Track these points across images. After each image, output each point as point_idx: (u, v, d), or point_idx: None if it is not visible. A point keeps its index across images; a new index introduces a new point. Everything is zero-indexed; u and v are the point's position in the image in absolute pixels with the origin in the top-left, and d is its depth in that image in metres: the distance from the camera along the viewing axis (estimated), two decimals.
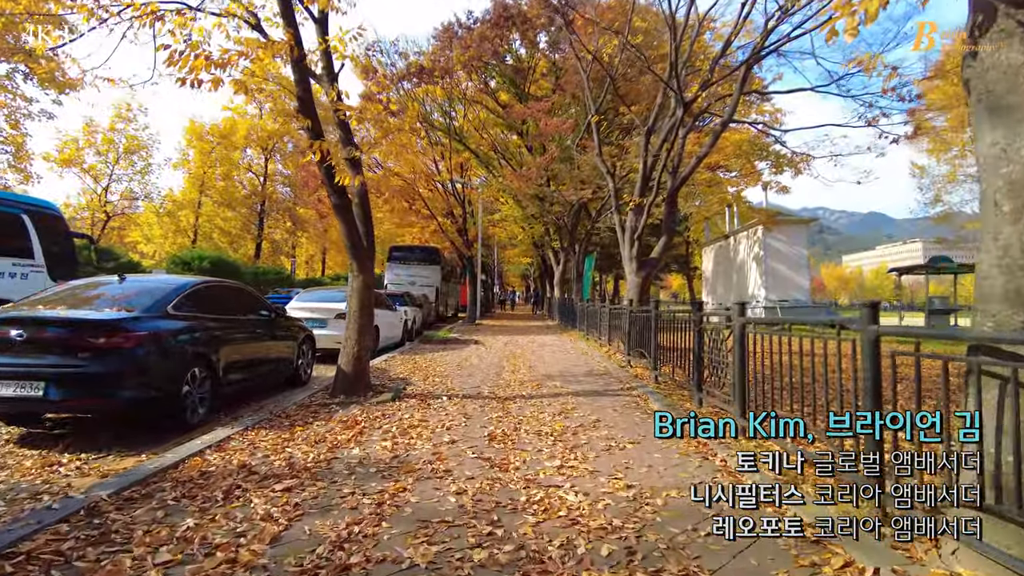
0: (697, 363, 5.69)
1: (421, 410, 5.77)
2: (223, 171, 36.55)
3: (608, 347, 11.30)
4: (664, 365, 7.28)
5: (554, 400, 6.33)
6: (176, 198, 34.69)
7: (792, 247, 18.96)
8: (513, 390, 7.05)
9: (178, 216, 34.00)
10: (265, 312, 7.62)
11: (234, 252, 39.44)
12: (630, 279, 10.10)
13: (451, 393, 6.76)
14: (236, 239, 40.17)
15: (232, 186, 37.43)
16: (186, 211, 34.64)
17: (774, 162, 15.30)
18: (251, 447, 4.44)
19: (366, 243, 6.52)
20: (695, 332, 5.70)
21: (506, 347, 12.86)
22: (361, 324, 6.33)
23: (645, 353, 8.57)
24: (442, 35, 22.08)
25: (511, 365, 9.49)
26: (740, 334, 4.55)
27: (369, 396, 6.30)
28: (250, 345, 6.85)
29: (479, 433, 4.85)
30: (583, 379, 7.92)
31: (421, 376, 8.14)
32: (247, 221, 40.52)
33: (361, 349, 6.34)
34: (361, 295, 6.36)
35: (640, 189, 9.99)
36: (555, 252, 27.64)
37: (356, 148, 6.30)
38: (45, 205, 10.96)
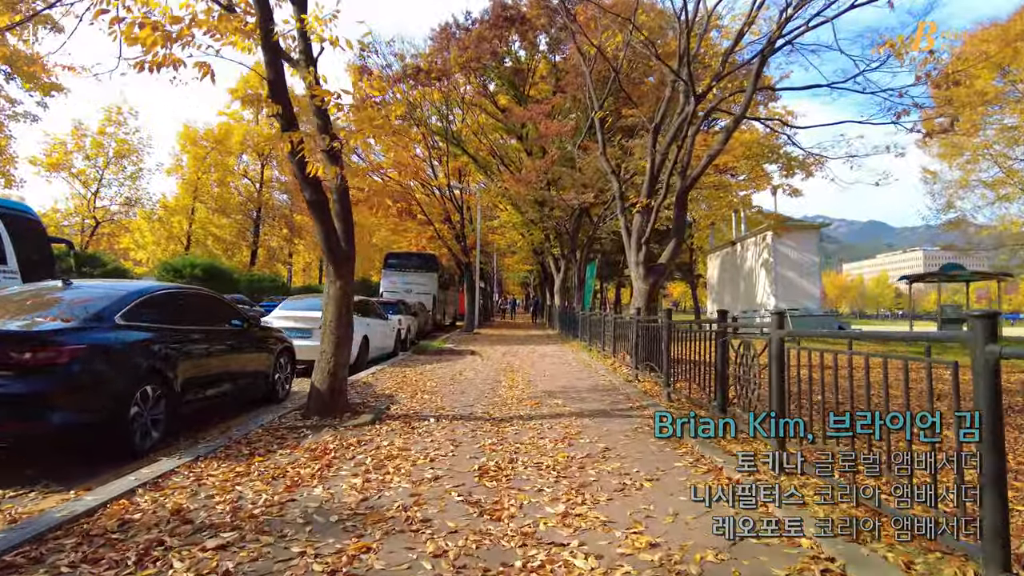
0: (720, 381, 4.97)
1: (403, 435, 5.03)
2: (218, 177, 35.94)
3: (613, 359, 10.57)
4: (678, 381, 6.55)
5: (556, 422, 5.59)
6: (169, 204, 34.02)
7: (802, 253, 18.25)
8: (510, 409, 6.32)
9: (171, 222, 33.33)
10: (237, 322, 6.94)
11: (229, 259, 38.78)
12: (637, 286, 9.39)
13: (440, 413, 6.03)
14: (231, 246, 39.52)
15: (227, 192, 36.82)
16: (179, 217, 33.98)
17: (784, 164, 14.63)
18: (195, 484, 3.71)
19: (345, 245, 5.82)
20: (719, 345, 4.98)
21: (504, 358, 12.13)
22: (338, 336, 5.62)
23: (655, 367, 7.85)
24: (439, 36, 21.54)
25: (508, 379, 8.76)
26: (778, 350, 3.83)
27: (346, 418, 5.57)
28: (217, 359, 6.14)
29: (468, 465, 4.12)
30: (587, 396, 7.18)
31: (409, 392, 7.40)
32: (243, 228, 39.91)
33: (337, 364, 5.61)
34: (338, 303, 5.65)
35: (647, 189, 9.30)
36: (555, 259, 26.95)
37: (335, 138, 5.63)
38: (19, 208, 10.28)
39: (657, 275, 9.23)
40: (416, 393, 7.30)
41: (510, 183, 18.49)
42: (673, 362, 6.65)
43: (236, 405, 6.62)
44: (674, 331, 6.63)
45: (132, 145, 28.02)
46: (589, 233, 21.32)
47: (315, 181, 5.57)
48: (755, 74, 9.14)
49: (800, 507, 3.10)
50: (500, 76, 22.49)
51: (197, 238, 35.58)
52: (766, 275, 19.11)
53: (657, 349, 7.92)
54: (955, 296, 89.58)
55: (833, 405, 3.44)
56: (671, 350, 6.66)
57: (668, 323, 6.64)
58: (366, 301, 12.23)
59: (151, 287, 5.62)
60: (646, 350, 8.09)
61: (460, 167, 26.03)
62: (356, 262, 26.26)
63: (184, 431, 5.41)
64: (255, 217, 40.13)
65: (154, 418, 5.00)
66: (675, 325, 6.70)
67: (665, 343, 6.61)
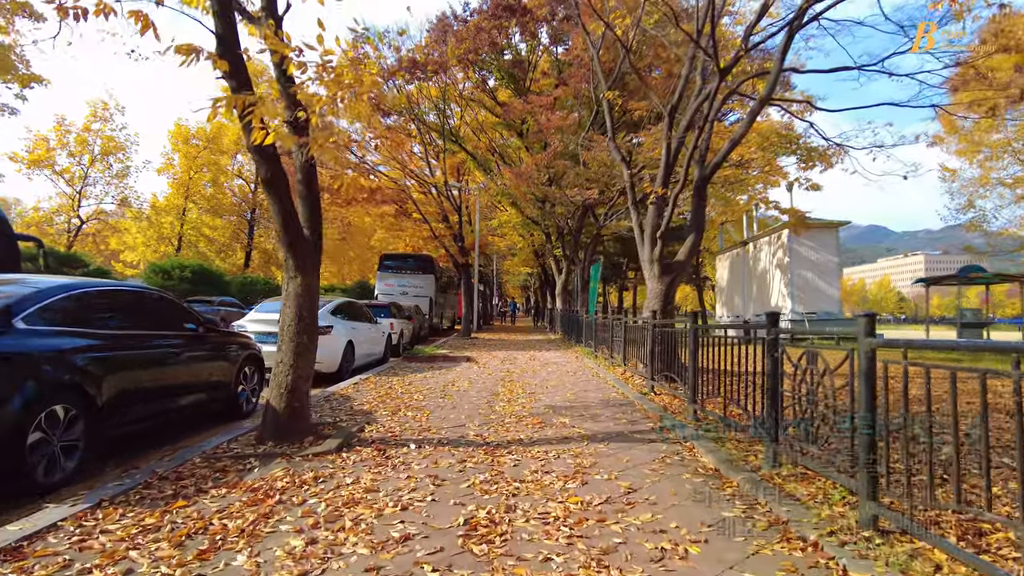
0: (771, 400, 3.96)
1: (374, 469, 4.02)
2: (210, 177, 34.93)
3: (623, 367, 9.56)
4: (709, 399, 5.54)
5: (564, 449, 4.58)
6: (160, 204, 33.05)
7: (820, 253, 17.21)
8: (508, 430, 5.31)
9: (161, 223, 32.32)
10: (191, 326, 5.97)
11: (223, 261, 37.80)
12: (651, 286, 8.38)
13: (424, 436, 5.02)
14: (225, 248, 38.54)
15: (220, 192, 35.80)
16: (170, 218, 32.98)
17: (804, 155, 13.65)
18: (76, 547, 2.71)
19: (310, 233, 4.83)
20: (769, 356, 3.97)
21: (503, 365, 11.12)
22: (298, 344, 4.62)
23: (674, 377, 6.85)
24: (436, 28, 20.61)
25: (507, 391, 7.75)
26: (868, 365, 2.82)
27: (307, 443, 4.56)
28: (161, 369, 5.18)
29: (452, 516, 3.11)
30: (599, 412, 6.17)
31: (392, 407, 6.39)
32: (237, 229, 38.98)
33: (298, 378, 4.61)
34: (299, 303, 4.65)
35: (663, 178, 8.32)
36: (557, 261, 25.96)
37: (297, 105, 4.65)
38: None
39: (674, 273, 8.24)
40: (399, 409, 6.28)
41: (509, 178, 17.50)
42: (702, 373, 5.64)
43: (193, 422, 5.68)
44: (703, 338, 5.62)
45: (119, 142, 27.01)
46: (593, 232, 20.32)
47: (270, 155, 4.59)
48: (782, 49, 8.18)
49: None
50: (500, 69, 21.54)
51: (189, 239, 34.58)
52: (781, 277, 18.06)
53: (675, 357, 6.93)
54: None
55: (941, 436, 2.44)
56: (698, 359, 5.65)
57: (695, 328, 5.62)
58: (352, 303, 11.24)
59: (72, 283, 4.64)
60: (664, 359, 7.09)
61: (458, 164, 25.09)
62: (354, 265, 25.42)
63: (117, 456, 4.46)
64: (249, 218, 39.19)
65: (68, 444, 4.03)
66: (705, 331, 5.69)
67: (692, 352, 5.60)
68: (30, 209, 25.11)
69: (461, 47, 19.30)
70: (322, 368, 9.08)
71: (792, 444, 3.81)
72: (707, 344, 5.56)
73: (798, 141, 13.90)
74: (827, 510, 3.13)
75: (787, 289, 17.55)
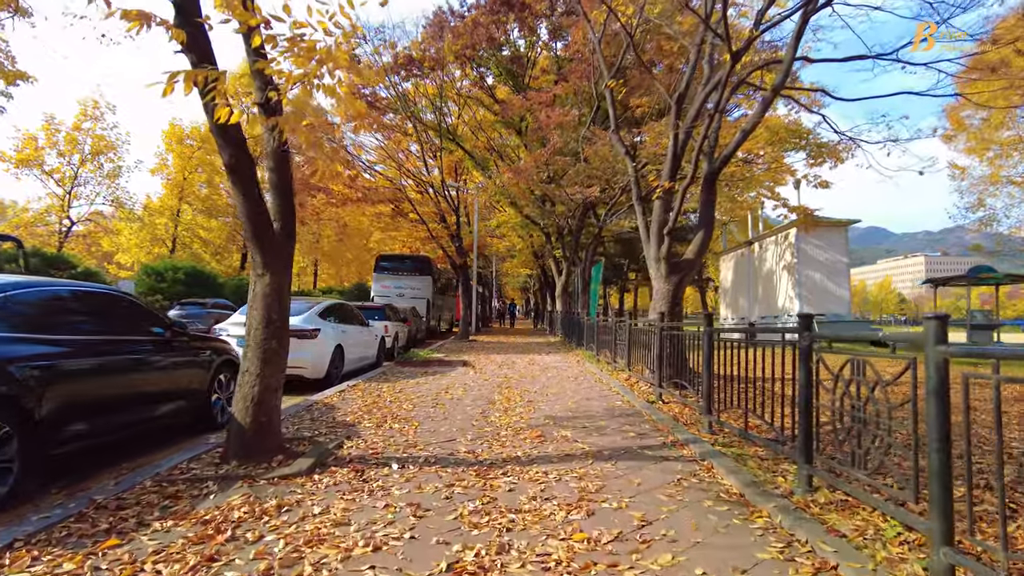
0: (805, 416, 3.44)
1: (347, 495, 3.50)
2: (205, 178, 34.43)
3: (628, 373, 9.04)
4: (725, 410, 5.02)
5: (566, 469, 4.06)
6: (154, 205, 32.53)
7: (829, 253, 16.68)
8: (504, 445, 4.78)
9: (155, 224, 31.80)
10: (159, 330, 5.47)
11: (218, 263, 37.31)
12: (657, 286, 7.86)
13: (409, 453, 4.49)
14: (220, 249, 38.06)
15: (215, 193, 35.30)
16: (164, 219, 32.46)
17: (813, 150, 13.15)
18: None
19: (281, 226, 4.32)
20: (802, 364, 3.45)
21: (500, 370, 10.60)
22: (266, 350, 4.09)
23: (685, 384, 6.33)
24: (432, 24, 20.13)
25: (504, 399, 7.22)
26: (940, 379, 2.30)
27: (275, 463, 4.04)
28: (118, 378, 4.67)
29: (432, 561, 2.59)
30: (604, 424, 5.65)
31: (377, 418, 5.86)
32: (232, 231, 38.50)
33: (265, 389, 4.09)
34: (267, 305, 4.13)
35: (670, 171, 7.80)
36: (557, 262, 25.44)
37: (268, 83, 4.15)
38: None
39: (683, 273, 7.72)
40: (385, 420, 5.76)
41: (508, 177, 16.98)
42: (717, 379, 5.12)
43: (161, 434, 5.19)
44: (718, 342, 5.10)
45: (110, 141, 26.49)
46: (594, 233, 19.79)
47: (235, 138, 4.08)
48: (795, 35, 7.67)
49: None
50: (498, 65, 21.04)
51: (183, 241, 34.08)
52: (788, 277, 17.52)
53: (685, 363, 6.41)
54: (959, 302, 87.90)
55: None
56: (713, 366, 5.13)
57: (710, 332, 5.10)
58: (343, 305, 10.73)
59: (10, 283, 4.12)
60: (673, 364, 6.57)
61: (455, 163, 24.61)
62: (352, 267, 24.76)
63: (68, 478, 3.96)
64: None
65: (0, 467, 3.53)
66: (720, 334, 5.17)
67: (706, 358, 5.08)
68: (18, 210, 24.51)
69: (458, 43, 18.82)
70: (308, 374, 8.58)
71: (831, 466, 3.29)
72: (721, 348, 5.04)
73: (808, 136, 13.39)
74: (882, 551, 2.62)
75: (794, 290, 17.02)
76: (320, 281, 47.53)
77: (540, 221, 21.01)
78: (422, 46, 19.86)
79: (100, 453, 4.50)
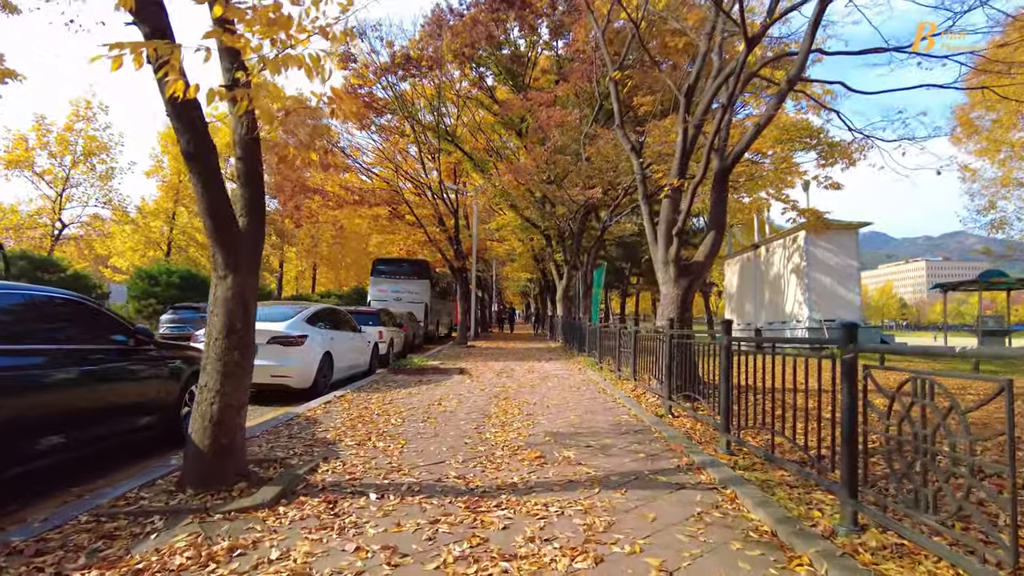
0: (849, 442, 2.93)
1: (313, 535, 2.99)
2: None
3: (633, 383, 8.52)
4: (746, 428, 4.51)
5: (569, 500, 3.55)
6: (149, 208, 32.07)
7: (840, 256, 16.14)
8: (499, 468, 4.27)
9: (149, 227, 31.32)
10: (121, 337, 4.99)
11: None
12: (666, 291, 7.36)
13: (390, 479, 3.97)
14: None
15: None
16: (159, 222, 31.99)
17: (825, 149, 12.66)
18: None
19: (248, 221, 3.83)
20: (845, 382, 2.95)
21: (498, 379, 10.08)
22: (227, 363, 3.59)
23: (696, 397, 5.82)
24: (431, 21, 19.70)
25: (501, 412, 6.71)
26: None
27: (235, 492, 3.52)
28: (71, 392, 4.18)
29: None
30: (610, 443, 5.13)
31: (361, 435, 5.34)
32: None
33: (226, 407, 3.58)
34: (229, 311, 3.63)
35: (679, 167, 7.31)
36: (557, 266, 24.95)
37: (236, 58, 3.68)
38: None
39: (693, 276, 7.22)
40: (370, 437, 5.24)
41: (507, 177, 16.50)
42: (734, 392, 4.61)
43: (122, 453, 4.70)
44: (737, 353, 4.58)
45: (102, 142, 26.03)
46: (595, 236, 19.30)
47: (193, 121, 3.59)
48: (813, 22, 7.20)
49: None
50: (497, 64, 20.61)
51: (179, 244, 33.58)
52: (797, 282, 16.98)
53: (695, 373, 5.91)
54: (961, 307, 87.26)
55: None
56: (731, 378, 4.62)
57: (728, 342, 4.59)
58: (333, 310, 10.23)
59: None
60: (684, 375, 6.06)
61: (454, 165, 24.16)
62: (352, 271, 24.11)
63: (11, 504, 3.46)
64: None
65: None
66: (737, 344, 4.65)
67: (725, 370, 4.57)
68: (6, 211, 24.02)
69: (456, 41, 18.39)
70: (294, 383, 8.09)
71: (883, 504, 2.78)
72: (741, 358, 4.53)
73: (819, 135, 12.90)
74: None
75: (803, 295, 16.48)
76: (319, 285, 47.09)
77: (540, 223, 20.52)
78: (420, 45, 19.45)
79: (50, 477, 4.01)
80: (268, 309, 9.59)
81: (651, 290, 37.63)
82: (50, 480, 4.02)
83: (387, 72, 20.05)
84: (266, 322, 8.62)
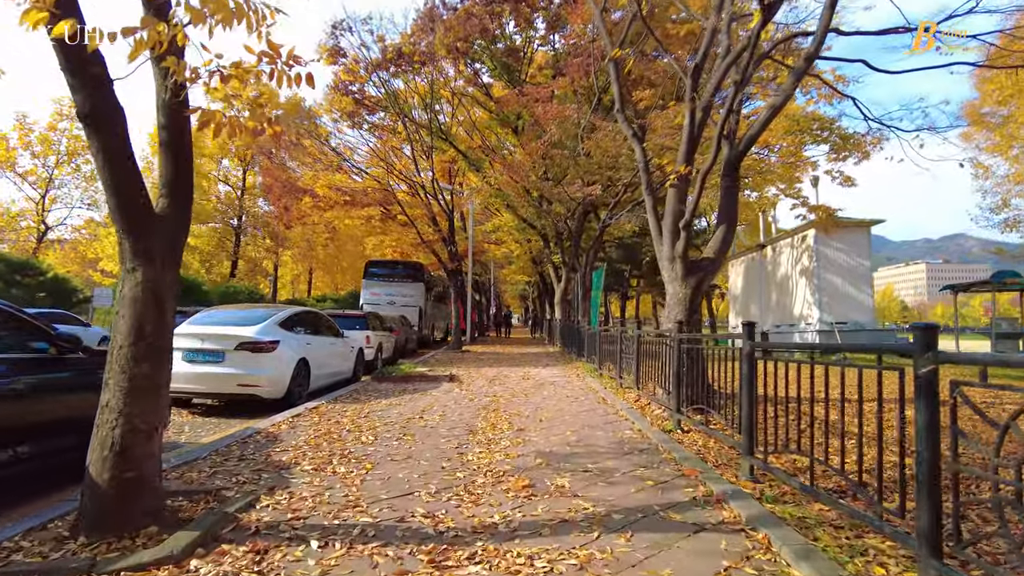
0: (929, 484, 2.22)
1: None
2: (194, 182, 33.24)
3: (636, 392, 7.80)
4: (776, 452, 3.78)
5: (561, 550, 2.81)
6: None
7: (851, 256, 15.43)
8: (478, 503, 3.54)
9: None
10: (42, 345, 4.29)
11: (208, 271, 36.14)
12: (673, 290, 6.64)
13: (342, 518, 3.24)
14: (210, 257, 36.95)
15: (203, 198, 34.10)
16: None
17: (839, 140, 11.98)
18: None
19: (167, 204, 3.12)
20: (922, 401, 2.24)
21: (490, 387, 9.35)
22: (134, 376, 2.88)
23: (708, 409, 5.10)
24: (423, 14, 19.05)
25: (489, 426, 5.98)
26: None
27: (140, 541, 2.79)
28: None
29: None
30: (612, 467, 4.40)
31: (322, 457, 4.60)
32: (222, 237, 37.40)
33: (132, 432, 2.86)
34: (139, 312, 2.92)
35: (685, 153, 6.61)
36: (555, 268, 24.23)
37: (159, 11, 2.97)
38: None
39: (702, 274, 6.51)
40: (331, 460, 4.50)
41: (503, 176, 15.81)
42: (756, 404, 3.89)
43: (42, 480, 3.97)
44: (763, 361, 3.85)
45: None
46: (594, 236, 18.59)
47: (91, 74, 2.87)
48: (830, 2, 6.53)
49: None
50: (492, 58, 19.94)
51: None
52: (806, 283, 16.26)
53: (705, 384, 5.19)
54: (962, 309, 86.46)
55: None
56: (754, 391, 3.90)
57: (752, 348, 3.86)
58: (312, 313, 9.51)
59: None
60: (694, 384, 5.34)
61: (449, 164, 23.49)
62: (348, 275, 23.19)
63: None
64: (236, 226, 37.63)
65: None
66: (762, 349, 3.92)
67: (747, 382, 3.85)
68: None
69: (450, 35, 17.74)
70: (265, 393, 7.37)
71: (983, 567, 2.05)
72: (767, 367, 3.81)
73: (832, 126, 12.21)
74: None
75: (813, 296, 15.75)
76: (315, 289, 46.39)
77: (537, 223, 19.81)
78: (412, 39, 18.80)
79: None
80: (239, 312, 8.87)
81: (652, 293, 36.87)
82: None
83: (379, 68, 19.40)
84: (235, 326, 7.91)
